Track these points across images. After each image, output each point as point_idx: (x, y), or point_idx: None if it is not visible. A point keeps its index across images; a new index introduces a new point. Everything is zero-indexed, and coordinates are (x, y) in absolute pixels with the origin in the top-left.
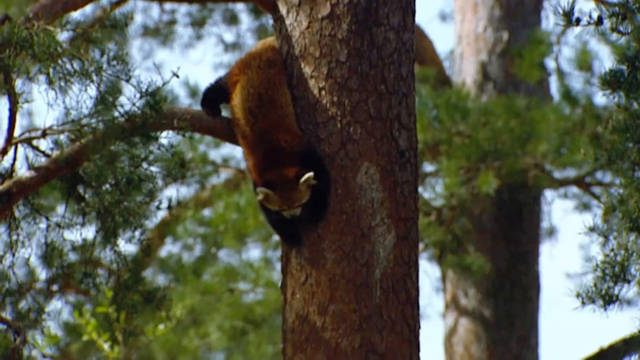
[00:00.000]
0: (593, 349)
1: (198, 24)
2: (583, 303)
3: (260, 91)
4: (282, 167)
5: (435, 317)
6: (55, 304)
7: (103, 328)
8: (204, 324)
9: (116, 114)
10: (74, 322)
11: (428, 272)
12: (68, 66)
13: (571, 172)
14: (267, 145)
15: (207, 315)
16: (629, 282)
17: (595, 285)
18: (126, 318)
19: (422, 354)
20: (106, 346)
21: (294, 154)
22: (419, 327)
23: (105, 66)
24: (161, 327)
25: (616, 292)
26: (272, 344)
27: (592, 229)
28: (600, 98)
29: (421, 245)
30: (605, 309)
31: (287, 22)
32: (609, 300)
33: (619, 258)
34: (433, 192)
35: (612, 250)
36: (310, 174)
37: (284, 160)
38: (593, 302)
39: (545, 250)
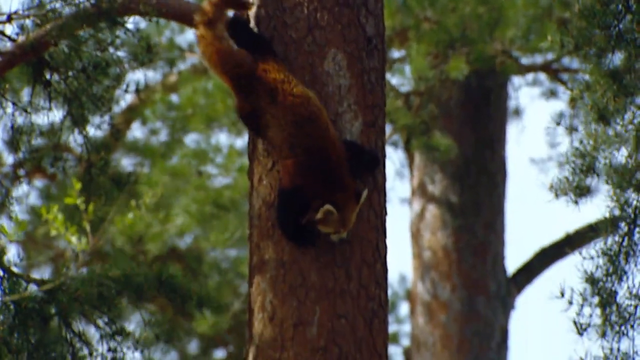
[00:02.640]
0: (559, 235)
1: None
2: (557, 196)
3: (290, 119)
4: (343, 187)
5: (400, 203)
6: (22, 189)
7: (70, 221)
8: (172, 207)
9: None
10: (39, 209)
11: (393, 159)
12: None
13: (539, 59)
14: (320, 163)
15: (175, 198)
16: (598, 175)
17: (567, 179)
18: (95, 207)
19: (388, 240)
20: (74, 238)
21: (343, 163)
22: (386, 214)
23: None
24: (130, 215)
25: (587, 184)
26: (240, 229)
27: (559, 123)
28: None
29: (387, 131)
30: (577, 203)
31: None
32: (580, 193)
33: (588, 148)
34: (402, 77)
35: (581, 142)
36: (365, 192)
37: (341, 177)
38: (566, 194)
39: (512, 136)
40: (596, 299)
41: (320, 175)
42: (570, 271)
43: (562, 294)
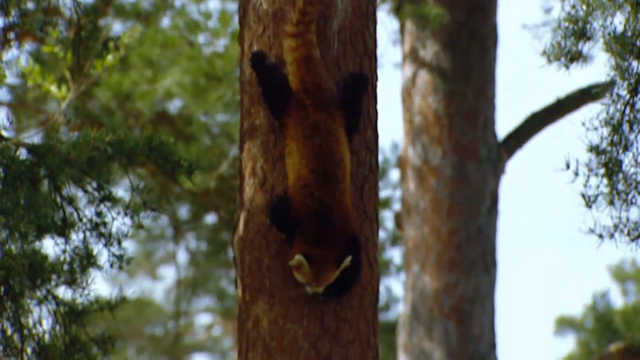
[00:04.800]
0: (550, 100)
1: None
2: (549, 61)
3: (312, 165)
4: (327, 248)
5: (392, 68)
6: (12, 53)
7: (48, 71)
8: (162, 73)
9: None
10: (23, 68)
11: (385, 25)
12: None
13: None
14: (323, 220)
15: (167, 68)
16: (589, 38)
17: (559, 44)
18: (78, 62)
19: (379, 106)
20: (53, 88)
21: (342, 235)
22: (377, 79)
23: None
24: (110, 58)
25: (579, 49)
26: (231, 96)
27: None
28: None
29: None
30: (568, 68)
31: None
32: (572, 58)
33: (581, 14)
34: None
35: (574, 7)
36: (349, 259)
37: (331, 240)
38: (559, 59)
39: (504, 1)
40: (602, 171)
41: (317, 227)
42: (560, 136)
43: (568, 166)
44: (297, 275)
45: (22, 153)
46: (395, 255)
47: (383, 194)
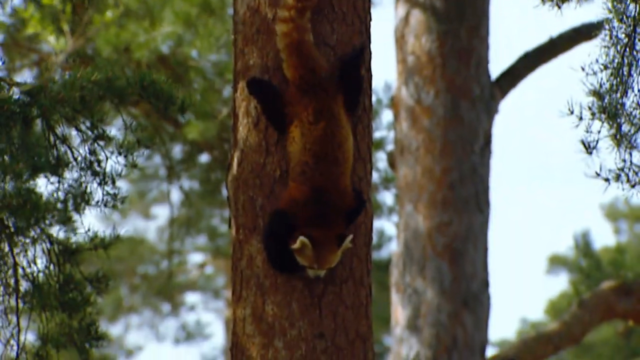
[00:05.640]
0: (543, 39)
1: None
2: (543, 1)
3: (315, 149)
4: (328, 227)
5: (385, 8)
6: None
7: (48, 21)
8: (159, 12)
9: None
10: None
11: None
12: None
13: None
14: (319, 203)
15: (161, 7)
16: None
17: None
18: (74, 10)
19: (372, 45)
20: (52, 39)
21: (341, 215)
22: (370, 19)
23: None
24: (109, 14)
25: None
26: (225, 35)
27: None
28: None
29: None
30: (560, 7)
31: None
32: None
33: None
34: None
35: None
36: (350, 238)
37: (332, 219)
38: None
39: None
40: (604, 116)
41: (315, 209)
42: (554, 76)
43: (572, 111)
44: (300, 258)
45: (15, 93)
46: (388, 195)
47: (376, 134)
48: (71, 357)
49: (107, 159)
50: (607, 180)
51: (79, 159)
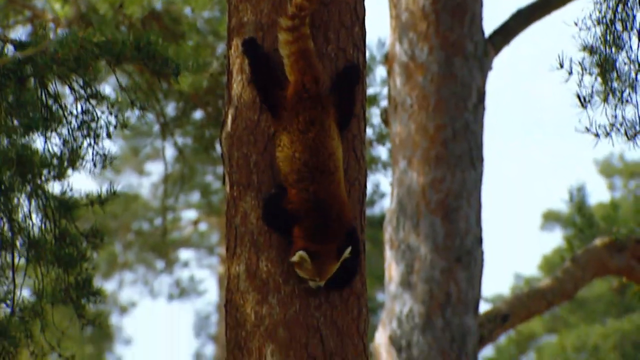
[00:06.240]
0: None
1: None
2: None
3: (304, 158)
4: (326, 241)
5: None
6: None
7: None
8: None
9: None
10: None
11: None
12: None
13: None
14: (319, 212)
15: None
16: None
17: None
18: None
19: (366, 2)
20: (57, 6)
21: (340, 227)
22: (364, 36)
23: None
24: None
25: None
26: None
27: None
28: None
29: None
30: None
31: None
32: None
33: None
34: None
35: None
36: (348, 250)
37: (330, 234)
38: None
39: None
40: (595, 70)
41: (313, 220)
42: (547, 33)
43: (562, 65)
44: (299, 271)
45: (9, 50)
46: (381, 151)
47: (369, 90)
48: (66, 313)
49: (97, 119)
50: (597, 135)
51: (70, 118)
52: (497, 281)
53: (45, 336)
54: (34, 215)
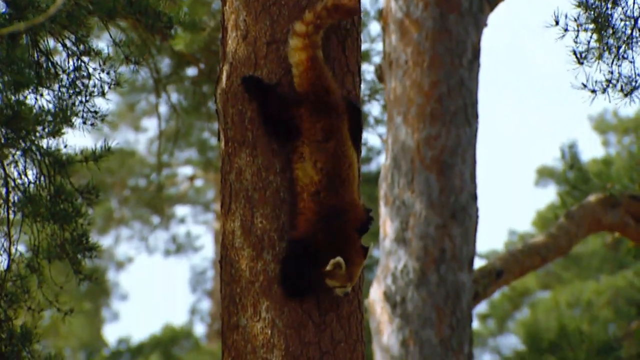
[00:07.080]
0: None
1: None
2: None
3: (327, 168)
4: (350, 243)
5: None
6: None
7: None
8: None
9: None
10: None
11: None
12: None
13: None
14: (335, 221)
15: None
16: None
17: None
18: None
19: None
20: None
21: (356, 225)
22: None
23: None
24: None
25: None
26: None
27: None
28: None
29: None
30: None
31: None
32: None
33: None
34: None
35: None
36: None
37: (350, 234)
38: None
39: None
40: (590, 27)
41: (334, 230)
42: None
43: (557, 22)
44: (331, 281)
45: (1, 6)
46: (375, 107)
47: (364, 47)
48: (62, 269)
49: (90, 76)
50: (593, 91)
51: (62, 75)
52: (491, 237)
53: (42, 291)
54: (29, 172)
